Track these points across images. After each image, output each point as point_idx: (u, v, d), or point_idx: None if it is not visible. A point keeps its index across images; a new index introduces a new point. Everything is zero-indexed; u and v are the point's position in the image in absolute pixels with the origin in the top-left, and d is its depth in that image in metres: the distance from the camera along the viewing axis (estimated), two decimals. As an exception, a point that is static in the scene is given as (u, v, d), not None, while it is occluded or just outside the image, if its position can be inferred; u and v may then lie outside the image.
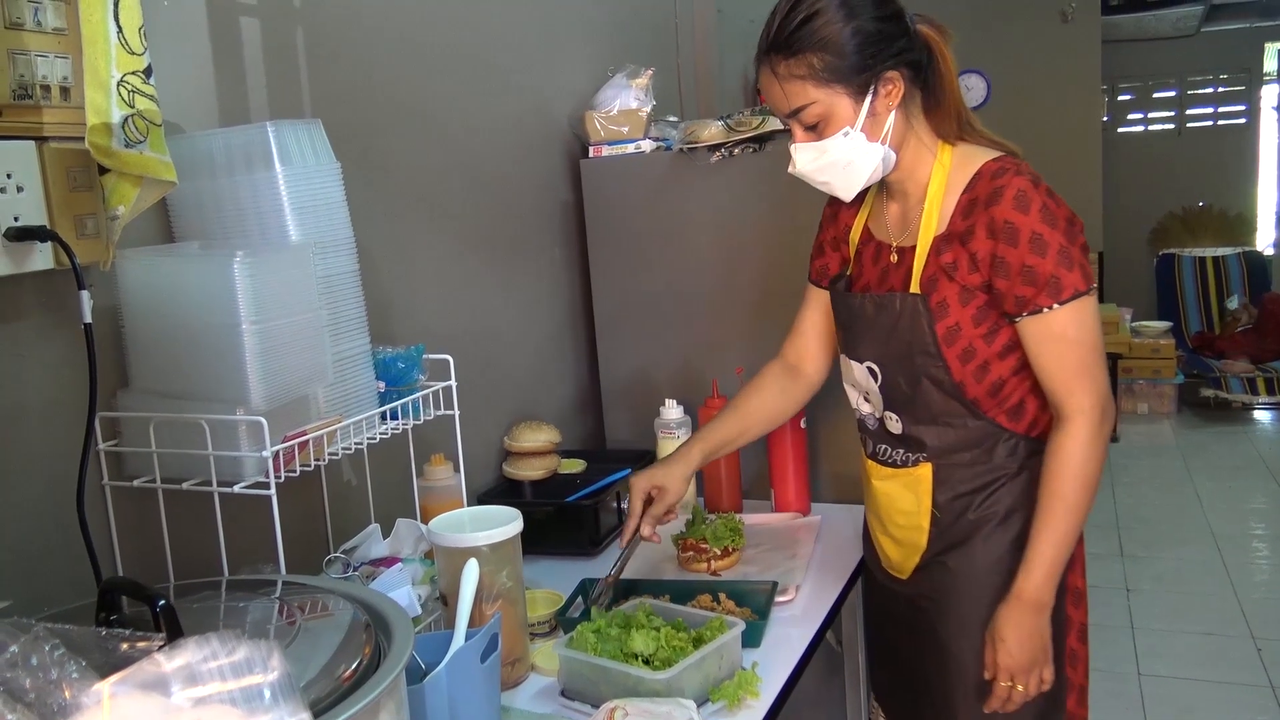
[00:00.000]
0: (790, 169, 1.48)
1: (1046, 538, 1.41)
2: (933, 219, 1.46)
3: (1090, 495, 1.41)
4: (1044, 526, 1.41)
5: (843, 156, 1.43)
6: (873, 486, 1.61)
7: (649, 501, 1.66)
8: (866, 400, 1.58)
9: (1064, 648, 1.50)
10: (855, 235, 1.61)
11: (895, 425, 1.53)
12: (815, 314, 1.72)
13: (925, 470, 1.52)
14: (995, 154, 1.46)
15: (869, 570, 1.73)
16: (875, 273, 1.55)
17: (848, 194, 1.49)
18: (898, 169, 1.49)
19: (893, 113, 1.42)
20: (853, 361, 1.57)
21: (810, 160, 1.45)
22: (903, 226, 1.52)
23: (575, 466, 2.13)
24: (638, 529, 1.65)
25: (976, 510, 1.50)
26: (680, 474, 1.67)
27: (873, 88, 1.40)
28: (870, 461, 1.61)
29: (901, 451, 1.55)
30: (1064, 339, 1.39)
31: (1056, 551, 1.41)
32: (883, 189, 1.56)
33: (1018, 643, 1.42)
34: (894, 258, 1.51)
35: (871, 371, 1.53)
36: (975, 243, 1.40)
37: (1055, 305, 1.37)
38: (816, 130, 1.43)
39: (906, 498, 1.55)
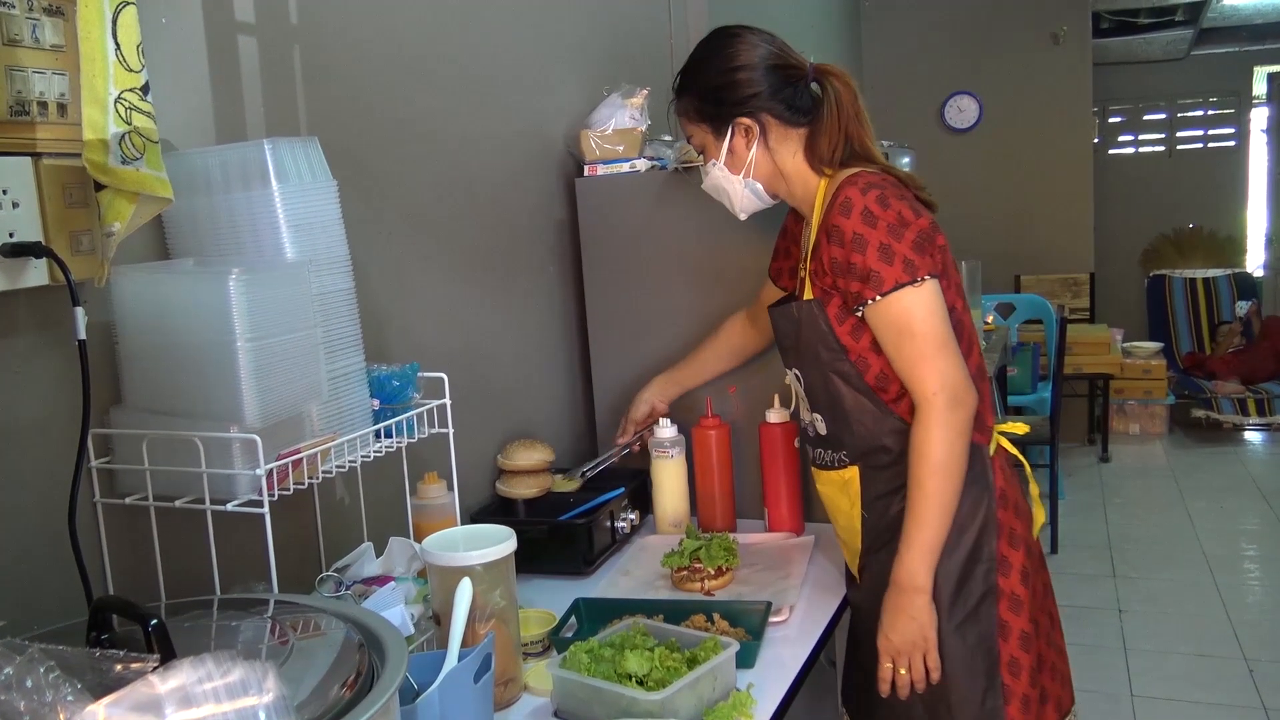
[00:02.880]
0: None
1: (910, 522, 1.49)
2: (813, 235, 1.59)
3: (947, 480, 1.48)
4: (908, 511, 1.50)
5: (717, 183, 1.70)
6: (818, 491, 1.73)
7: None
8: (805, 409, 1.69)
9: (999, 654, 1.53)
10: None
11: (821, 427, 1.64)
12: (771, 288, 1.95)
13: (852, 473, 1.62)
14: (857, 171, 1.56)
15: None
16: (795, 287, 1.74)
17: (736, 214, 1.74)
18: (795, 198, 1.68)
19: (752, 151, 1.63)
20: (786, 369, 1.72)
21: (703, 181, 1.74)
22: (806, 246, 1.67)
23: (569, 485, 2.12)
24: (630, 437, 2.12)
25: (896, 510, 1.56)
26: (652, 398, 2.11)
27: (730, 129, 1.63)
28: (812, 467, 1.72)
29: (830, 453, 1.65)
30: (894, 328, 1.49)
31: (922, 535, 1.48)
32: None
33: (891, 624, 1.51)
34: (799, 275, 1.69)
35: (797, 377, 1.68)
36: (821, 249, 1.55)
37: (878, 297, 1.48)
38: (704, 157, 1.71)
39: (841, 500, 1.65)
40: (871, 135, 1.63)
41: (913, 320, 1.48)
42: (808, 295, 1.60)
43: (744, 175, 1.65)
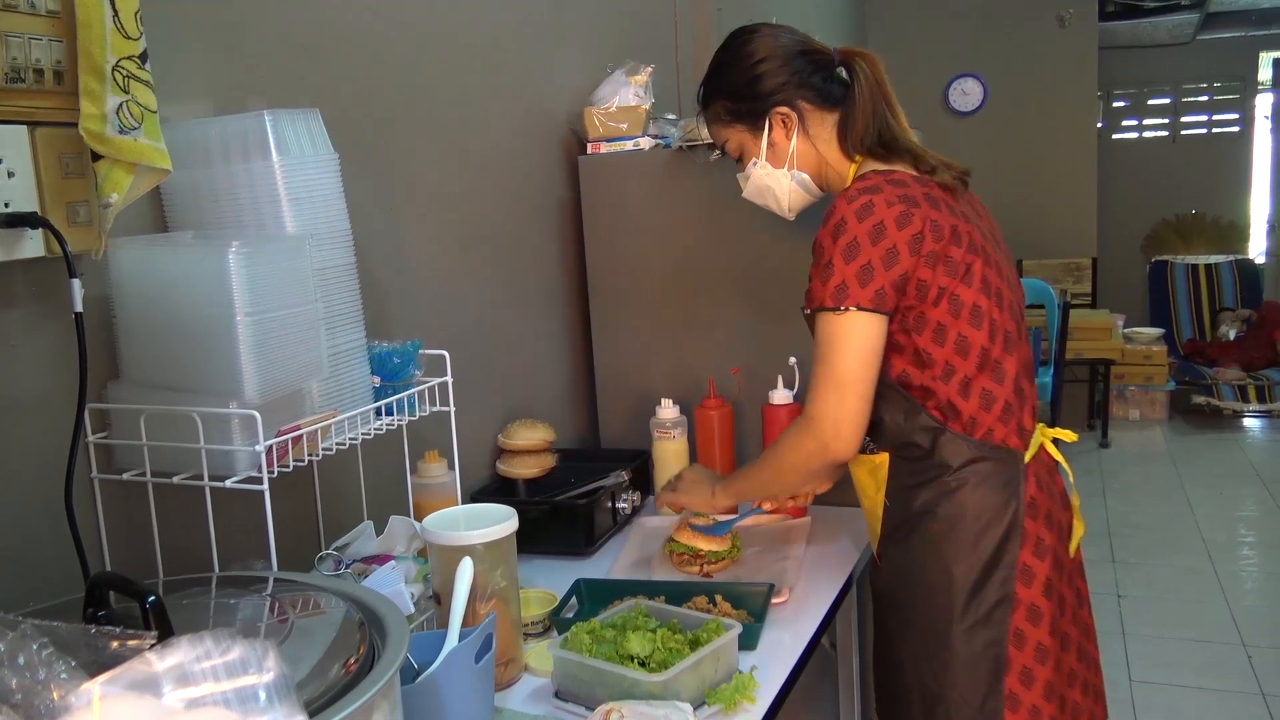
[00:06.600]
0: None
1: (746, 471, 1.67)
2: None
3: (777, 479, 1.59)
4: (753, 462, 1.64)
5: (761, 183, 1.66)
6: (850, 469, 1.67)
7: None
8: None
9: (1007, 661, 1.48)
10: None
11: None
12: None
13: (883, 459, 1.57)
14: (882, 168, 1.52)
15: None
16: None
17: (783, 214, 1.70)
18: (832, 188, 1.62)
19: (793, 142, 1.60)
20: None
21: (745, 187, 1.70)
22: None
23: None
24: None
25: (919, 505, 1.53)
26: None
27: (768, 123, 1.60)
28: None
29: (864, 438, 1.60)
30: (816, 344, 1.48)
31: (740, 487, 1.69)
32: None
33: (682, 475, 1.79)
34: None
35: None
36: None
37: (808, 310, 1.48)
38: (741, 162, 1.68)
39: (869, 484, 1.61)
40: (902, 118, 1.59)
41: (822, 345, 1.45)
42: None
43: (788, 168, 1.62)
